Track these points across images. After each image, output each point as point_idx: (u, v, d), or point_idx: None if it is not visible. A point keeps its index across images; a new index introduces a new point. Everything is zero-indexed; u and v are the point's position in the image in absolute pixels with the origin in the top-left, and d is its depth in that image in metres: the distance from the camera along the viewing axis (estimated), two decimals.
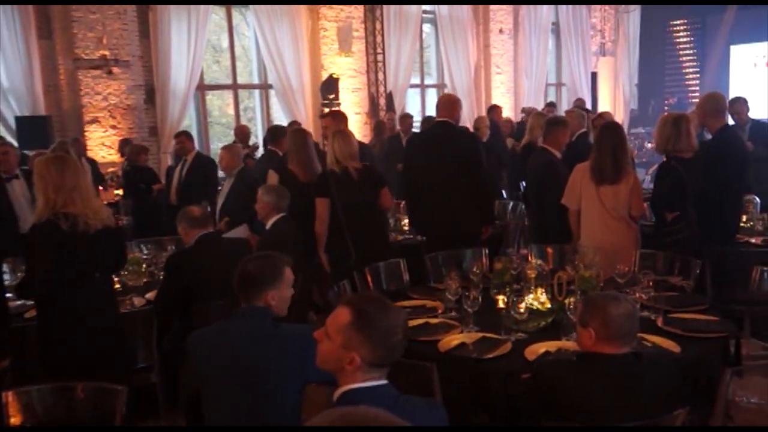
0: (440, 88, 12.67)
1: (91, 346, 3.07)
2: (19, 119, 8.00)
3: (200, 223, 3.64)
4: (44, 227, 2.91)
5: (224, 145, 6.66)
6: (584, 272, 3.23)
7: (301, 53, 10.35)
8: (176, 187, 6.32)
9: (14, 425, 2.42)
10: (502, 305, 3.13)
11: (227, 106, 11.25)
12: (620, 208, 4.06)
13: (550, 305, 3.11)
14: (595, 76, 14.77)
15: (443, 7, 12.08)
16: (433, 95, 12.65)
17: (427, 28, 12.71)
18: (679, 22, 16.02)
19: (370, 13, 11.17)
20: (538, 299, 3.13)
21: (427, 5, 12.05)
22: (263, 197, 4.20)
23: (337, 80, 10.41)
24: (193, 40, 9.20)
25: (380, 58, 11.29)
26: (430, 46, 12.99)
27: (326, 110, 9.12)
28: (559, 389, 2.18)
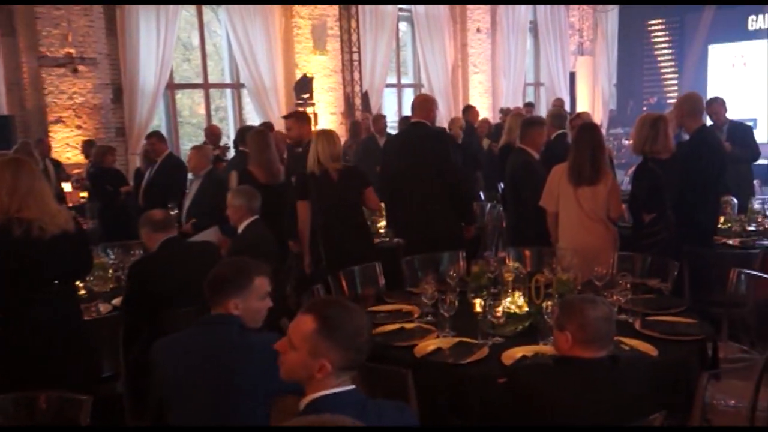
0: (417, 87, 12.62)
1: (51, 355, 2.94)
2: None
3: (163, 227, 3.56)
4: None
5: (194, 145, 6.55)
6: (562, 275, 3.20)
7: (274, 51, 10.21)
8: (143, 188, 6.19)
9: None
10: (479, 309, 3.08)
11: (198, 105, 11.10)
12: (599, 209, 4.03)
13: (527, 309, 3.08)
14: (573, 75, 14.84)
15: (420, 5, 12.02)
16: (410, 95, 12.56)
17: (403, 26, 12.65)
18: (657, 21, 16.11)
19: (345, 11, 11.07)
20: (515, 303, 3.10)
21: (403, 4, 11.98)
22: (233, 201, 4.03)
23: (311, 80, 10.31)
24: (162, 37, 9.00)
25: (356, 57, 11.20)
26: (406, 45, 12.94)
27: (300, 110, 9.01)
28: (535, 394, 2.16)
